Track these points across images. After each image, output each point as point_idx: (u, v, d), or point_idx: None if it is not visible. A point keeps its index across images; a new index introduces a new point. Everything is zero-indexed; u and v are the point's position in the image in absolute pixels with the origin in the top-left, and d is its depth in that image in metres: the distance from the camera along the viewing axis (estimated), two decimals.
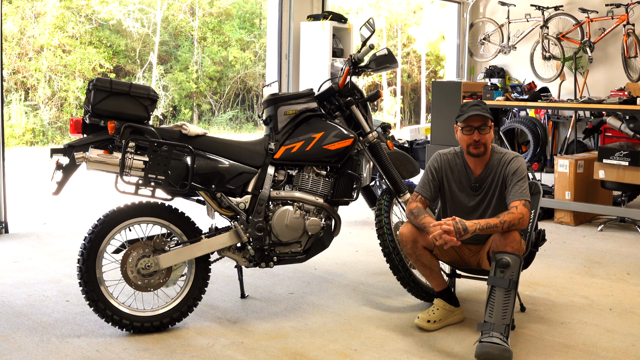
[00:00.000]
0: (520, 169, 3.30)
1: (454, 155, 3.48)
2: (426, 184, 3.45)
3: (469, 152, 3.36)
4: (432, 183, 3.44)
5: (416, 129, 7.99)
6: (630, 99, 5.87)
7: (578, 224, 6.12)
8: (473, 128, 3.31)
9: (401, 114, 20.68)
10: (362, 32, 3.88)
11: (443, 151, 3.52)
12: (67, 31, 15.16)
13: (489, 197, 3.39)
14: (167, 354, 3.05)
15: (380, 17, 19.27)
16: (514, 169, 3.30)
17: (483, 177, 3.39)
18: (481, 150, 3.33)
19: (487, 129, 3.32)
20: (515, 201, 3.21)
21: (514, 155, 3.38)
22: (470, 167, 3.42)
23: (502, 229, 3.11)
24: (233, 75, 17.84)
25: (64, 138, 14.12)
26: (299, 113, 3.59)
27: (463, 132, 3.35)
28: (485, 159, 3.39)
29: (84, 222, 5.69)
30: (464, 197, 3.44)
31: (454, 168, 3.45)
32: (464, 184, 3.43)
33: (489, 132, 3.33)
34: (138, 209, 3.28)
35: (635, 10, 7.75)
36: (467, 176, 3.42)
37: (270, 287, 4.09)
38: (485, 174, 3.39)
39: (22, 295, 3.86)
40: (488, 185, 3.39)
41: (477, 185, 3.40)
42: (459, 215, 3.42)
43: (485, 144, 3.33)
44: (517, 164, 3.32)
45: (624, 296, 3.99)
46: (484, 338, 2.94)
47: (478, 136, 3.31)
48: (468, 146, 3.35)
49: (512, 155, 3.37)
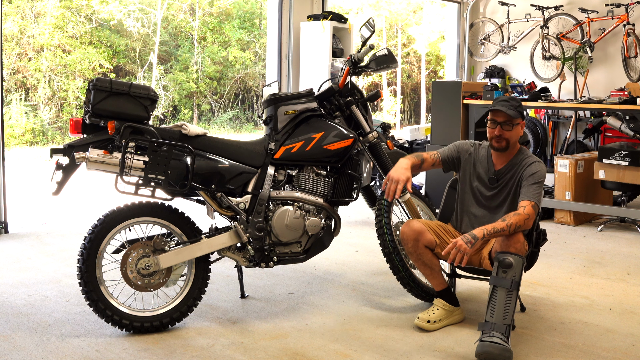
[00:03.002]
0: (539, 174, 3.33)
1: (479, 146, 3.58)
2: (444, 151, 3.59)
3: (491, 144, 3.44)
4: (451, 154, 3.58)
5: (416, 129, 7.98)
6: (630, 99, 5.87)
7: (578, 224, 6.12)
8: (496, 122, 3.37)
9: (401, 114, 20.67)
10: (362, 32, 3.87)
11: (472, 141, 3.65)
12: (67, 31, 15.15)
13: (504, 194, 3.44)
14: (167, 354, 3.05)
15: (380, 17, 19.26)
16: (533, 172, 3.33)
17: (503, 172, 3.44)
18: (503, 144, 3.39)
19: (511, 126, 3.36)
20: (525, 201, 3.24)
21: (537, 159, 3.42)
22: (492, 160, 3.49)
23: (509, 231, 3.12)
24: (233, 75, 17.83)
25: (64, 138, 14.11)
26: (299, 113, 3.58)
27: (488, 125, 3.43)
28: (508, 155, 3.45)
29: (84, 222, 5.69)
30: (481, 187, 3.49)
31: (476, 157, 3.54)
32: (483, 176, 3.49)
33: (512, 130, 3.37)
34: (138, 209, 3.28)
35: (635, 10, 7.75)
36: (488, 167, 3.49)
37: (270, 287, 4.09)
38: (505, 170, 3.44)
39: (22, 295, 3.86)
40: (506, 182, 3.43)
41: (494, 178, 3.45)
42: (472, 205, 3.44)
43: (508, 140, 3.38)
44: (537, 168, 3.35)
45: (624, 296, 3.99)
46: (485, 337, 2.94)
47: (499, 131, 3.37)
48: (491, 139, 3.42)
49: (534, 159, 3.42)
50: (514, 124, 3.35)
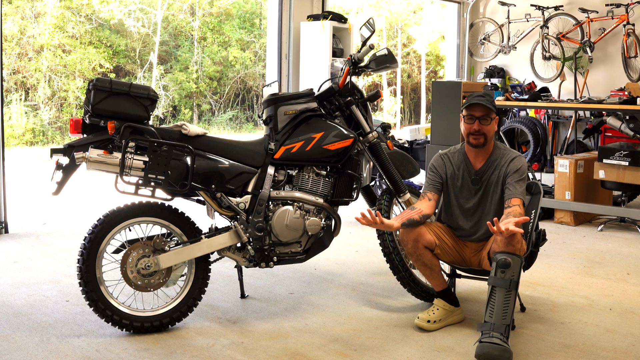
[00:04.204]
0: (522, 169, 3.35)
1: (453, 153, 3.53)
2: (429, 183, 3.49)
3: (469, 141, 3.41)
4: (434, 178, 3.49)
5: (416, 129, 7.98)
6: (630, 99, 5.87)
7: (578, 224, 6.12)
8: (474, 117, 3.36)
9: (401, 114, 20.67)
10: (362, 32, 3.87)
11: (443, 151, 3.57)
12: (67, 31, 15.15)
13: (490, 194, 3.42)
14: (167, 354, 3.05)
15: (380, 17, 19.27)
16: (517, 167, 3.34)
17: (484, 170, 3.43)
18: (481, 141, 3.37)
19: (489, 120, 3.36)
20: (517, 199, 3.25)
21: (517, 154, 3.42)
22: (470, 161, 3.46)
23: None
24: (233, 75, 17.83)
25: (64, 138, 14.11)
26: (299, 113, 3.58)
27: (465, 121, 3.40)
28: (485, 152, 3.43)
29: (84, 222, 5.69)
30: (465, 194, 3.47)
31: (454, 164, 3.49)
32: (466, 179, 3.46)
33: (490, 124, 3.36)
34: (138, 209, 3.28)
35: (635, 10, 7.75)
36: (468, 169, 3.46)
37: (270, 287, 4.09)
38: (485, 168, 3.43)
39: (22, 295, 3.86)
40: (488, 180, 3.42)
41: (477, 178, 3.43)
42: (459, 215, 3.44)
43: (486, 135, 3.37)
44: (519, 163, 3.36)
45: (624, 296, 3.99)
46: (484, 338, 2.94)
47: (478, 126, 3.35)
48: (468, 135, 3.40)
49: (515, 154, 3.41)
50: (491, 117, 3.37)
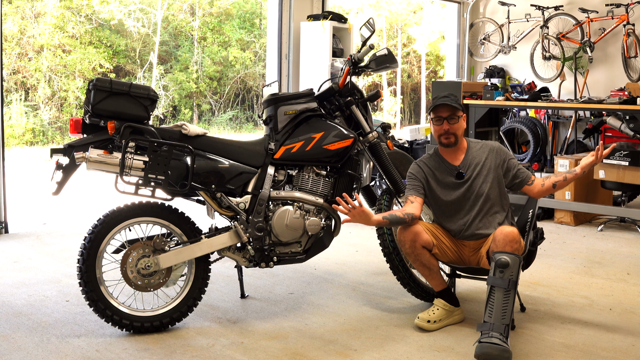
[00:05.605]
0: (504, 151, 3.50)
1: (428, 158, 3.56)
2: (410, 187, 3.50)
3: (441, 143, 3.47)
4: (414, 183, 3.49)
5: (416, 129, 7.97)
6: (630, 99, 5.87)
7: (578, 224, 6.12)
8: (442, 118, 3.42)
9: (401, 114, 20.67)
10: (362, 32, 3.88)
11: (418, 159, 3.61)
12: (67, 31, 15.15)
13: (479, 185, 3.42)
14: (167, 354, 3.05)
15: (380, 17, 19.27)
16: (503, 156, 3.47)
17: (466, 164, 3.46)
18: (452, 140, 3.44)
19: (456, 119, 3.43)
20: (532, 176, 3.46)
21: (491, 142, 3.56)
22: (447, 160, 3.49)
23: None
24: (233, 75, 17.84)
25: (64, 138, 14.11)
26: (299, 113, 3.58)
27: (433, 123, 3.47)
28: (460, 148, 3.49)
29: (84, 222, 5.69)
30: (450, 190, 3.46)
31: (431, 167, 3.51)
32: (447, 177, 3.47)
33: (458, 122, 3.44)
34: (138, 209, 3.28)
35: (635, 10, 7.74)
36: (448, 168, 3.48)
37: (270, 287, 4.09)
38: (467, 161, 3.46)
39: (22, 295, 3.86)
40: (472, 171, 3.44)
41: (461, 172, 3.45)
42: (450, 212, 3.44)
43: (455, 134, 3.44)
44: (504, 151, 3.50)
45: (624, 296, 3.99)
46: (484, 338, 2.94)
47: (447, 126, 3.41)
48: (439, 137, 3.46)
49: (493, 143, 3.54)
50: (458, 116, 3.42)
